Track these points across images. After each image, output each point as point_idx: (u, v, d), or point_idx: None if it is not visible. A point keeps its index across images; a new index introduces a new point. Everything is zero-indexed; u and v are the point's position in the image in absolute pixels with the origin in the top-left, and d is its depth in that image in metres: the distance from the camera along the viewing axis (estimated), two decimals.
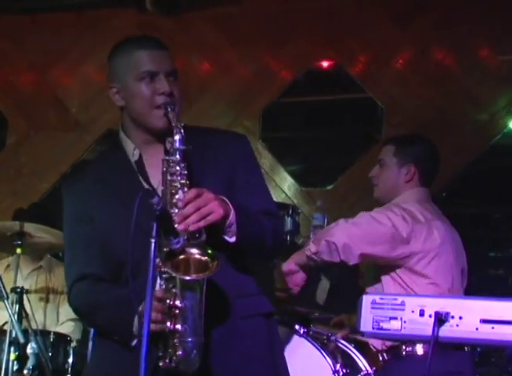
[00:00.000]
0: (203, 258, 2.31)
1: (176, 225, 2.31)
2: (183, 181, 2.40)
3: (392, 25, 6.20)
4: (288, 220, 5.16)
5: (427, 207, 3.73)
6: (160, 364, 2.35)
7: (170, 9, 6.60)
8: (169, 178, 2.41)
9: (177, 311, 2.31)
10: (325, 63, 6.47)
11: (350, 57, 6.34)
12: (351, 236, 3.56)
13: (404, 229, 3.57)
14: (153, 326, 2.28)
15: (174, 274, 2.29)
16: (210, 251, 2.32)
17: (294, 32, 6.40)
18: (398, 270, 3.62)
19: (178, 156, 2.42)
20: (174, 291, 2.31)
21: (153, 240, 2.23)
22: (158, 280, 2.35)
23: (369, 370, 3.94)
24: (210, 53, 6.61)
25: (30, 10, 6.82)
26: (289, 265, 3.75)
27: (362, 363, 3.99)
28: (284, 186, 6.29)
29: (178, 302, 2.30)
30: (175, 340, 2.32)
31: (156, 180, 2.52)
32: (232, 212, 2.39)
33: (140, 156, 2.58)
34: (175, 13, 6.63)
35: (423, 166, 3.79)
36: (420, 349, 3.43)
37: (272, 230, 2.55)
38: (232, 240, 2.42)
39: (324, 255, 3.58)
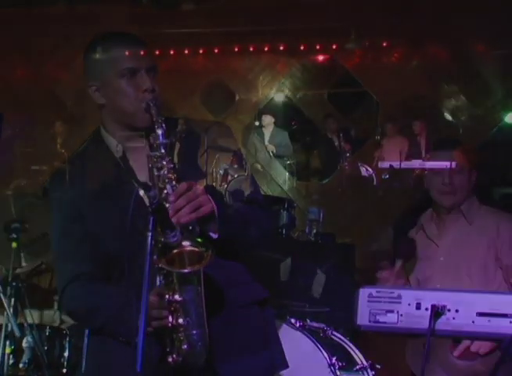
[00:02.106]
0: (196, 249, 2.31)
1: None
2: (170, 175, 2.38)
3: (388, 19, 6.20)
4: (284, 214, 5.16)
5: None
6: (169, 360, 2.36)
7: (164, 1, 6.59)
8: (156, 173, 2.39)
9: (177, 305, 2.31)
10: (320, 57, 6.47)
11: (345, 51, 6.33)
12: None
13: None
14: (156, 322, 2.30)
15: (170, 270, 2.28)
16: (202, 242, 2.32)
17: (289, 26, 6.39)
18: None
19: (162, 150, 2.41)
20: (173, 284, 2.32)
21: (149, 234, 2.22)
22: (157, 277, 2.34)
23: (365, 364, 3.95)
24: (204, 47, 6.60)
25: (23, 5, 6.79)
26: None
27: (357, 356, 4.00)
28: (280, 180, 6.29)
29: (177, 297, 2.30)
30: (180, 334, 2.32)
31: (142, 175, 2.50)
32: (215, 209, 2.39)
33: (124, 152, 2.57)
34: (170, 6, 6.62)
35: (476, 171, 3.70)
36: None
37: (257, 221, 2.55)
38: (215, 236, 2.43)
39: None
